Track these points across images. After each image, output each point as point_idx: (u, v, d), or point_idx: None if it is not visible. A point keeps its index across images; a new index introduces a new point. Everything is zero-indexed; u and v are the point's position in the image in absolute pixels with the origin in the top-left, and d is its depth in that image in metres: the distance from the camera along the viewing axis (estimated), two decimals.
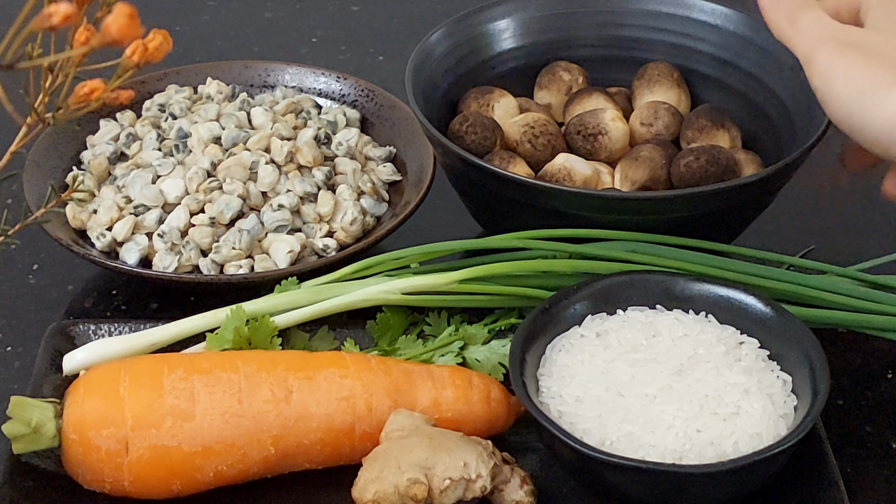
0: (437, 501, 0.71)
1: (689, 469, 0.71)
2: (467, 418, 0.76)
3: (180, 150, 0.95)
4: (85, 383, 0.73)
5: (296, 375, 0.74)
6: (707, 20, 1.00)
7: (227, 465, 0.72)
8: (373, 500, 0.71)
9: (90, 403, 0.72)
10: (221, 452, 0.72)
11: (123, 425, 0.71)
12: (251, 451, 0.73)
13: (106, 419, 0.71)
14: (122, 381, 0.72)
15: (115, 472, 0.71)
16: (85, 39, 0.62)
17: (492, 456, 0.73)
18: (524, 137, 0.93)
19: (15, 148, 0.69)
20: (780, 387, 0.76)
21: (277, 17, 1.25)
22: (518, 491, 0.74)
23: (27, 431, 0.71)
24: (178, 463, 0.71)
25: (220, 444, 0.72)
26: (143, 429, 0.71)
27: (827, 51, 0.75)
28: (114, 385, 0.72)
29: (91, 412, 0.71)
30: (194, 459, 0.72)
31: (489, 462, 0.72)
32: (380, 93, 1.02)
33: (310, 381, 0.74)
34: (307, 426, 0.73)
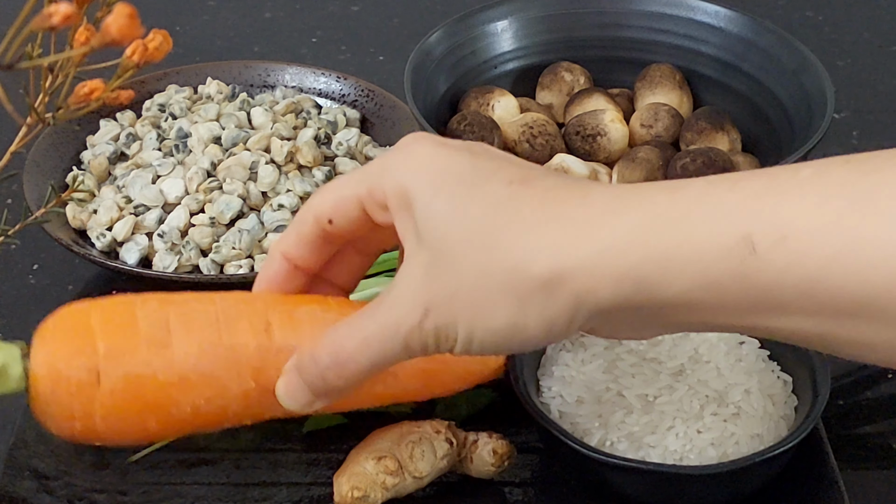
0: (413, 469, 0.72)
1: (689, 470, 0.71)
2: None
3: (180, 150, 0.95)
4: (53, 321, 0.68)
5: (275, 310, 0.69)
6: (710, 22, 1.00)
7: (205, 400, 0.67)
8: (350, 488, 0.71)
9: (59, 337, 0.67)
10: (199, 384, 0.67)
11: (95, 354, 0.66)
12: (231, 384, 0.68)
13: (76, 350, 0.66)
14: (92, 315, 0.67)
15: (86, 406, 0.66)
16: (85, 39, 0.62)
17: (448, 426, 0.75)
18: (523, 137, 0.93)
19: (15, 148, 0.69)
20: (780, 387, 0.76)
21: (277, 17, 1.25)
22: (490, 442, 0.75)
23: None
24: (154, 394, 0.67)
25: (197, 374, 0.67)
26: (116, 357, 0.66)
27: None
28: (84, 319, 0.67)
29: (61, 346, 0.67)
30: (170, 391, 0.67)
31: (444, 423, 0.75)
32: (380, 93, 1.02)
33: (290, 316, 0.69)
34: (286, 359, 0.68)
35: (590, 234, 0.54)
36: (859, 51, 1.21)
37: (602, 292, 0.54)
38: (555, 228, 0.55)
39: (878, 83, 1.17)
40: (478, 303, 0.56)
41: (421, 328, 0.57)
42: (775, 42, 0.97)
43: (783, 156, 0.91)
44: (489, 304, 0.56)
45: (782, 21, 1.21)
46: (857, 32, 1.23)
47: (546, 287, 0.55)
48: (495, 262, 0.55)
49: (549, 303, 0.55)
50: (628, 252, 0.54)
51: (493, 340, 0.57)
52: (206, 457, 0.79)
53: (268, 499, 0.76)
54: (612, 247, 0.54)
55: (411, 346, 0.58)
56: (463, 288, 0.56)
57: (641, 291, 0.54)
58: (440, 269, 0.57)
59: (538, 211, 0.55)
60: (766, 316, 0.53)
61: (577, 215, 0.55)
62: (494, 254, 0.55)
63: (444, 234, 0.57)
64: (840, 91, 1.05)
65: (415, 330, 0.57)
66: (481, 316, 0.56)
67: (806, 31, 1.22)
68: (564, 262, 0.54)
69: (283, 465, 0.78)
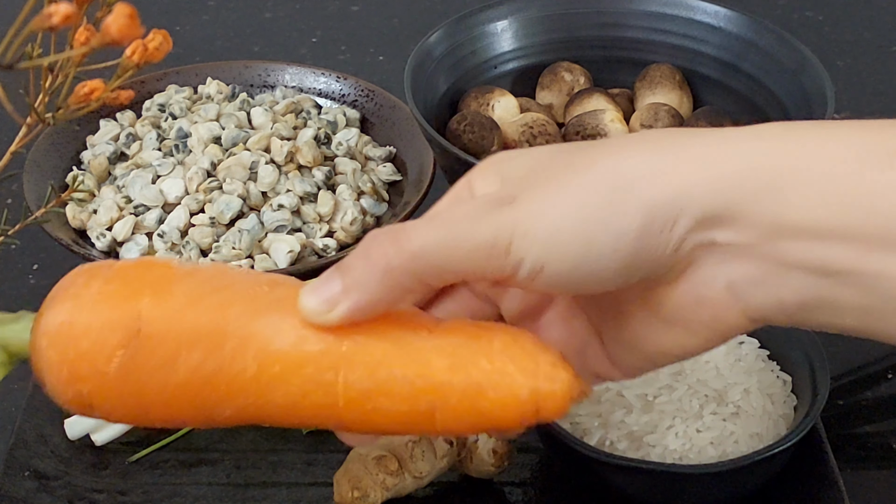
0: (413, 469, 0.72)
1: (689, 469, 0.71)
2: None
3: (180, 150, 0.95)
4: (56, 288, 0.60)
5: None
6: (710, 22, 1.00)
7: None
8: (350, 488, 0.71)
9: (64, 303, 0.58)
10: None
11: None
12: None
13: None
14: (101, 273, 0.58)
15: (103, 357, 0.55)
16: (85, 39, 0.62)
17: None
18: (522, 137, 0.93)
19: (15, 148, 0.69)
20: (780, 387, 0.76)
21: (277, 17, 1.25)
22: (490, 442, 0.75)
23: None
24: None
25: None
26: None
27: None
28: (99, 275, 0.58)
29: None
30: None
31: None
32: (380, 93, 1.02)
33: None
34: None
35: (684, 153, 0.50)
36: (859, 51, 1.21)
37: (708, 187, 0.49)
38: (646, 147, 0.50)
39: (878, 83, 1.17)
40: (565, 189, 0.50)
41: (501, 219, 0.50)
42: (775, 42, 0.97)
43: None
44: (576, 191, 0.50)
45: (782, 21, 1.22)
46: (857, 32, 1.23)
47: (645, 181, 0.49)
48: (584, 164, 0.50)
49: (642, 192, 0.49)
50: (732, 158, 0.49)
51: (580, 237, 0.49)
52: (206, 457, 0.79)
53: (268, 499, 0.76)
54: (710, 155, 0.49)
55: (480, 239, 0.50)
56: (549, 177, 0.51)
57: (747, 200, 0.49)
58: (524, 177, 0.51)
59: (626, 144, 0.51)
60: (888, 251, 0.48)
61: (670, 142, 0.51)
62: (583, 160, 0.51)
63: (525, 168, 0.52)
64: (840, 91, 1.05)
65: (492, 220, 0.50)
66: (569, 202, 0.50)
67: (806, 31, 1.23)
68: (634, 167, 0.50)
69: (283, 465, 0.78)
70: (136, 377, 0.53)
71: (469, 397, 0.52)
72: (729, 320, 0.51)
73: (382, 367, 0.52)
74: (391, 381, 0.52)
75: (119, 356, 0.53)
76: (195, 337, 0.53)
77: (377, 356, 0.52)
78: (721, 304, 0.51)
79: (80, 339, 0.53)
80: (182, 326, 0.53)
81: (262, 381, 0.52)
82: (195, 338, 0.53)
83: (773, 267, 0.50)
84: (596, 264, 0.50)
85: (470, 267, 0.50)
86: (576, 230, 0.49)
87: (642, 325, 0.53)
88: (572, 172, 0.51)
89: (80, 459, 0.78)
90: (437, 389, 0.52)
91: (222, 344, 0.52)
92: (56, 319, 0.54)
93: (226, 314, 0.53)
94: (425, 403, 0.52)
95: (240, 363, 0.52)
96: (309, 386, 0.52)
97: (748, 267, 0.50)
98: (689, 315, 0.52)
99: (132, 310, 0.53)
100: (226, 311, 0.53)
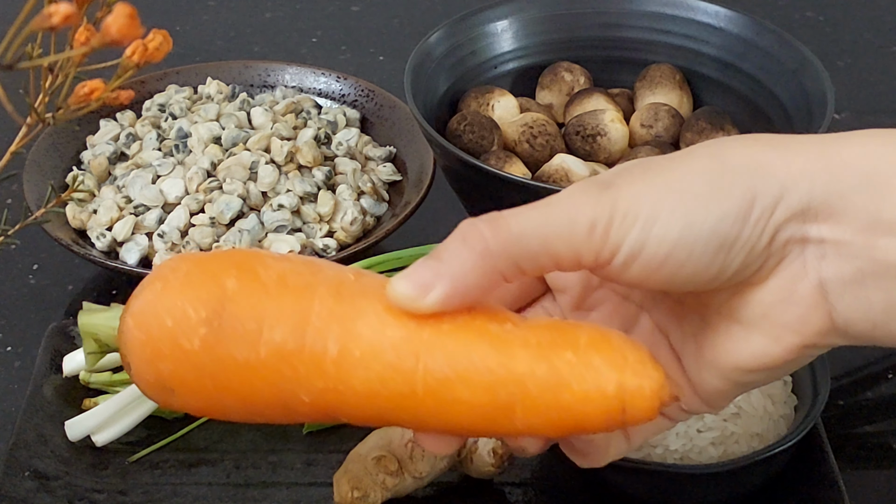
0: (413, 469, 0.72)
1: (690, 469, 0.71)
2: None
3: (180, 150, 0.95)
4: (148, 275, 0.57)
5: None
6: (710, 22, 1.00)
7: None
8: (350, 488, 0.71)
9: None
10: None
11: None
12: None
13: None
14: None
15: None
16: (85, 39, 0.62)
17: None
18: (523, 137, 0.93)
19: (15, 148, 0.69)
20: (780, 387, 0.76)
21: (277, 17, 1.25)
22: (490, 442, 0.75)
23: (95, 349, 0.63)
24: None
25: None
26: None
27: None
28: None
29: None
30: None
31: None
32: (380, 93, 1.02)
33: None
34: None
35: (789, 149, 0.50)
36: (859, 51, 1.21)
37: (814, 179, 0.49)
38: (753, 141, 0.50)
39: (878, 83, 1.17)
40: (668, 172, 0.49)
41: (601, 201, 0.49)
42: (775, 42, 0.97)
43: None
44: (681, 174, 0.49)
45: (782, 21, 1.22)
46: (857, 32, 1.23)
47: (748, 169, 0.49)
48: (686, 154, 0.50)
49: (751, 176, 0.49)
50: (835, 156, 0.49)
51: (682, 216, 0.49)
52: (206, 457, 0.79)
53: (268, 499, 0.76)
54: (815, 152, 0.49)
55: (580, 222, 0.49)
56: (650, 166, 0.50)
57: (846, 196, 0.49)
58: (623, 169, 0.51)
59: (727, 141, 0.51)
60: None
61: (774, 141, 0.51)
62: (684, 152, 0.50)
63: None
64: (840, 91, 1.05)
65: (592, 202, 0.49)
66: (673, 184, 0.49)
67: (806, 31, 1.23)
68: (766, 152, 0.49)
69: (283, 465, 0.78)
70: (218, 355, 0.52)
71: (552, 389, 0.51)
72: (815, 323, 0.50)
73: (463, 356, 0.51)
74: (471, 370, 0.51)
75: (202, 334, 0.52)
76: (279, 316, 0.52)
77: (459, 344, 0.51)
78: (810, 305, 0.50)
79: (165, 317, 0.53)
80: (266, 305, 0.52)
81: (342, 365, 0.52)
82: (279, 317, 0.52)
83: (867, 265, 0.49)
84: (693, 250, 0.49)
85: (568, 252, 0.50)
86: (676, 213, 0.49)
87: (723, 336, 0.52)
88: (673, 161, 0.50)
89: (80, 459, 0.78)
90: (519, 380, 0.51)
91: (305, 324, 0.52)
92: (144, 300, 0.53)
93: (311, 296, 0.52)
94: (506, 395, 0.51)
95: (321, 344, 0.52)
96: (388, 372, 0.51)
97: (842, 265, 0.49)
98: (776, 316, 0.51)
99: (218, 288, 0.52)
100: (311, 294, 0.53)
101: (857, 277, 0.49)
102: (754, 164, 0.49)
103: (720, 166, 0.49)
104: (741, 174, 0.49)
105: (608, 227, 0.49)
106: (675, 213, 0.49)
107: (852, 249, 0.49)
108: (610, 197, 0.49)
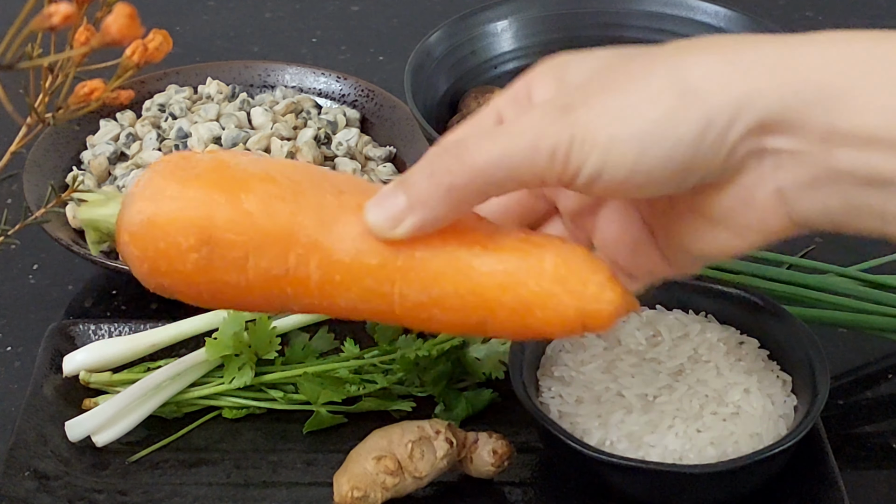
0: (413, 469, 0.72)
1: (689, 469, 0.71)
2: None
3: (180, 150, 0.95)
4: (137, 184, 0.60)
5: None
6: (710, 22, 1.00)
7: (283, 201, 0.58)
8: (350, 488, 0.71)
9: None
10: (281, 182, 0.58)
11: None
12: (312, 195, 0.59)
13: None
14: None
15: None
16: (85, 39, 0.62)
17: (448, 426, 0.74)
18: None
19: (15, 148, 0.69)
20: (780, 387, 0.76)
21: (277, 17, 1.25)
22: (490, 442, 0.75)
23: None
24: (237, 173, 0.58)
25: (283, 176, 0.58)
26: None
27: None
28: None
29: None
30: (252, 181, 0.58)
31: (444, 423, 0.74)
32: (380, 93, 1.02)
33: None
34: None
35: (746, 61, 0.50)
36: None
37: (770, 95, 0.49)
38: (712, 52, 0.51)
39: None
40: (625, 96, 0.51)
41: (560, 128, 0.51)
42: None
43: None
44: (637, 98, 0.51)
45: (782, 21, 1.21)
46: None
47: (704, 91, 0.50)
48: (645, 70, 0.51)
49: (707, 98, 0.50)
50: (792, 67, 0.50)
51: (637, 143, 0.50)
52: (206, 457, 0.79)
53: (268, 499, 0.76)
54: (771, 64, 0.50)
55: (541, 149, 0.51)
56: (609, 84, 0.52)
57: (803, 108, 0.49)
58: (583, 85, 0.53)
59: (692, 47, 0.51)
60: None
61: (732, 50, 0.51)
62: (644, 66, 0.51)
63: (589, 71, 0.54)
64: None
65: (551, 130, 0.51)
66: (628, 110, 0.51)
67: (806, 31, 1.22)
68: (723, 69, 0.50)
69: (283, 465, 0.78)
70: (211, 276, 0.57)
71: (518, 314, 0.56)
72: (774, 224, 0.53)
73: (435, 285, 0.56)
74: (443, 297, 0.56)
75: (193, 259, 0.56)
76: (263, 243, 0.56)
77: (430, 273, 0.56)
78: (768, 208, 0.52)
79: (158, 240, 0.57)
80: (251, 233, 0.56)
81: (324, 288, 0.56)
82: (263, 244, 0.56)
83: (823, 172, 0.51)
84: (651, 172, 0.51)
85: (532, 178, 0.52)
86: (632, 140, 0.51)
87: (691, 227, 0.55)
88: (631, 80, 0.52)
89: (80, 460, 0.78)
90: (488, 306, 0.56)
91: (287, 252, 0.56)
92: (136, 218, 0.57)
93: (292, 223, 0.56)
94: (476, 317, 0.56)
95: (303, 270, 0.56)
96: (367, 295, 0.56)
97: (798, 172, 0.51)
98: (737, 218, 0.53)
99: (205, 215, 0.56)
100: (292, 220, 0.56)
101: (814, 184, 0.51)
102: (710, 85, 0.50)
103: (677, 88, 0.50)
104: (697, 97, 0.50)
105: (567, 154, 0.51)
106: (631, 140, 0.51)
107: (808, 158, 0.51)
108: (568, 122, 0.51)
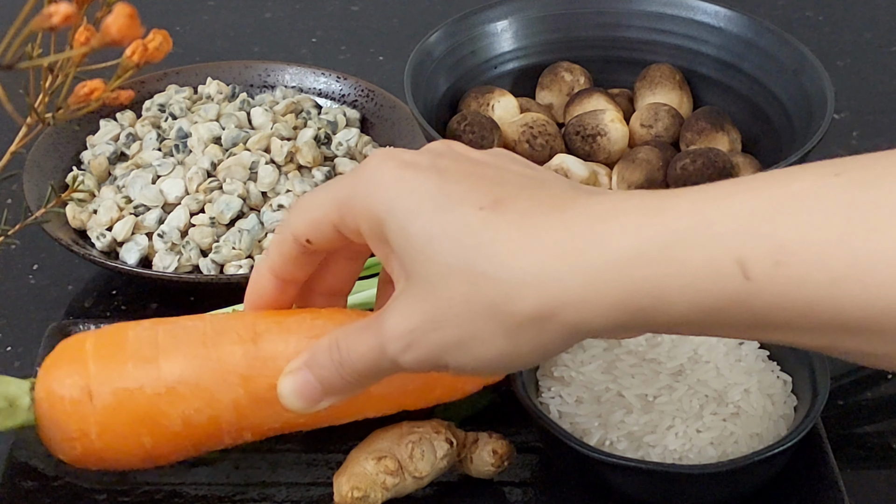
0: (413, 469, 0.72)
1: (689, 469, 0.71)
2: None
3: (180, 150, 0.95)
4: (55, 352, 0.72)
5: (264, 320, 0.70)
6: (710, 22, 1.00)
7: (194, 410, 0.69)
8: (350, 488, 0.71)
9: (57, 365, 0.70)
10: (187, 394, 0.68)
11: (87, 375, 0.69)
12: (219, 393, 0.68)
13: (70, 373, 0.69)
14: (87, 342, 0.71)
15: (82, 423, 0.69)
16: (85, 39, 0.62)
17: (448, 426, 0.74)
18: (522, 137, 0.93)
19: (15, 148, 0.69)
20: (780, 387, 0.76)
21: (277, 17, 1.25)
22: (490, 442, 0.75)
23: (3, 406, 0.70)
24: (143, 407, 0.68)
25: (184, 384, 0.68)
26: (105, 375, 0.69)
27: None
28: (80, 345, 0.71)
29: (57, 371, 0.70)
30: (159, 403, 0.68)
31: (444, 423, 0.74)
32: (380, 93, 1.02)
33: (279, 324, 0.70)
34: (276, 366, 0.67)
35: (575, 264, 0.53)
36: (859, 51, 1.21)
37: (596, 321, 0.54)
38: (537, 256, 0.54)
39: (878, 83, 1.17)
40: (466, 335, 0.56)
41: (404, 359, 0.58)
42: (775, 42, 0.97)
43: (783, 156, 0.91)
44: (478, 336, 0.55)
45: (782, 21, 1.22)
46: (857, 32, 1.23)
47: (536, 321, 0.54)
48: (480, 293, 0.55)
49: (542, 334, 0.54)
50: (619, 281, 0.53)
51: (486, 367, 0.57)
52: (206, 457, 0.79)
53: (268, 499, 0.76)
54: (600, 278, 0.53)
55: (402, 368, 0.59)
56: (448, 320, 0.56)
57: (637, 319, 0.53)
58: (423, 300, 0.56)
59: (516, 238, 0.54)
60: (765, 333, 0.53)
61: (559, 240, 0.54)
62: (478, 285, 0.55)
63: (423, 264, 0.56)
64: (840, 91, 1.05)
65: (399, 358, 0.58)
66: (470, 346, 0.56)
67: (806, 31, 1.23)
68: (553, 296, 0.53)
69: (283, 465, 0.78)
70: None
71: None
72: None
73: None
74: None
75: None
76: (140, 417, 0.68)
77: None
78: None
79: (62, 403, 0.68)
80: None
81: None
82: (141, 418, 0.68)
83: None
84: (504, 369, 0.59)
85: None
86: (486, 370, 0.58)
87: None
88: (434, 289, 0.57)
89: None
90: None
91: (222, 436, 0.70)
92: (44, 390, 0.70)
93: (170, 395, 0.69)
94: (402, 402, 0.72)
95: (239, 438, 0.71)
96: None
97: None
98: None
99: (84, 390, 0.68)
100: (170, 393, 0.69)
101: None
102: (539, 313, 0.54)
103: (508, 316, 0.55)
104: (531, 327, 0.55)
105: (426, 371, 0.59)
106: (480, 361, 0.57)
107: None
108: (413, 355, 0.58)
